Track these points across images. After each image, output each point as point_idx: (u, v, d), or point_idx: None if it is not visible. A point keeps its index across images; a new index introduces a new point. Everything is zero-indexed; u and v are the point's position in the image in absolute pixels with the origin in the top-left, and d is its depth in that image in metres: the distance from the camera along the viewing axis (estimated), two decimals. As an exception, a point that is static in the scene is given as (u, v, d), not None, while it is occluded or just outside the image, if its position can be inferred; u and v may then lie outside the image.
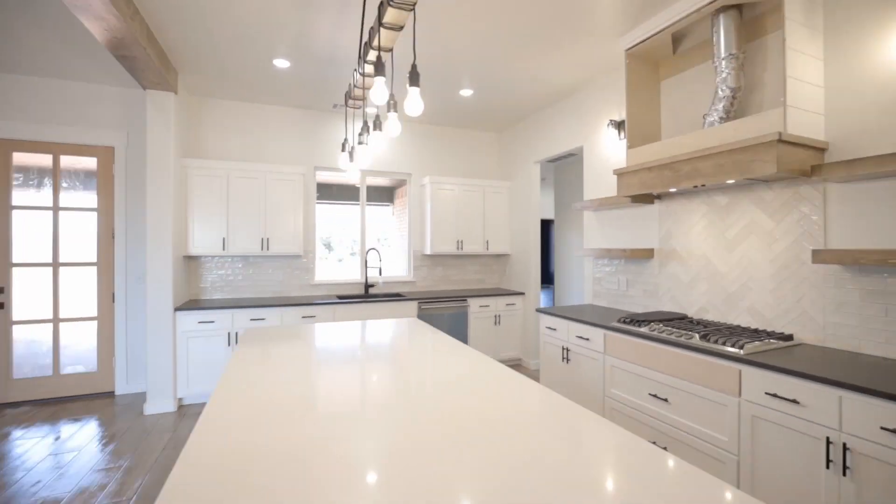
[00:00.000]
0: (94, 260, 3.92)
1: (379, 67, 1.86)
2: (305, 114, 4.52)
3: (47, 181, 3.83)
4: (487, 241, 4.98)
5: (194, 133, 4.17)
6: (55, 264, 3.85)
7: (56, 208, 3.84)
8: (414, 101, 1.81)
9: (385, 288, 4.83)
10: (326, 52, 3.26)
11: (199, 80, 3.76)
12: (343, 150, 3.11)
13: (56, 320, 3.85)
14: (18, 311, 3.76)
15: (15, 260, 3.73)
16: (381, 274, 4.60)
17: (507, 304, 4.73)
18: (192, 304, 3.76)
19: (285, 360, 1.92)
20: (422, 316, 4.34)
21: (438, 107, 4.43)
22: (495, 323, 4.68)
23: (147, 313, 3.53)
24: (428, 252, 4.73)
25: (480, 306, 4.61)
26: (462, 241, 4.85)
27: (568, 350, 3.13)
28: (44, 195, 3.82)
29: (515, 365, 4.74)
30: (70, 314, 3.89)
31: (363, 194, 4.82)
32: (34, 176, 3.80)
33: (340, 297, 4.44)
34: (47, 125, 3.74)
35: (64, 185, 3.87)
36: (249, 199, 4.04)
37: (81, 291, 3.92)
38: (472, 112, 4.61)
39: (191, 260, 4.13)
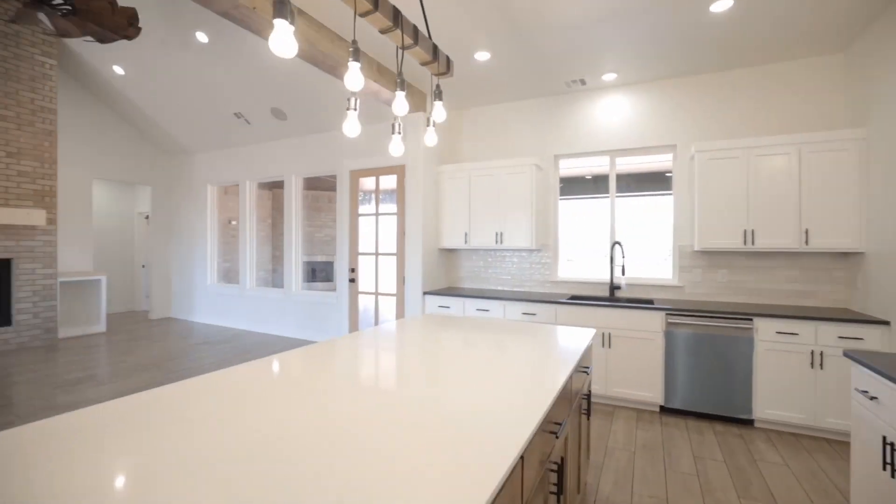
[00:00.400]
0: (395, 251, 5.22)
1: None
2: (538, 103, 4.31)
3: (371, 196, 5.42)
4: (806, 231, 3.11)
5: (453, 142, 4.80)
6: (376, 254, 5.39)
7: (377, 214, 5.37)
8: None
9: (638, 292, 3.90)
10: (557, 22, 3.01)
11: (452, 97, 4.32)
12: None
13: (377, 294, 5.39)
14: (361, 285, 5.52)
15: (360, 250, 5.50)
16: (623, 273, 3.76)
17: (844, 337, 2.79)
18: (445, 290, 4.33)
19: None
20: (673, 334, 3.24)
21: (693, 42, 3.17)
22: (812, 365, 2.87)
23: (407, 294, 4.37)
24: (697, 248, 3.46)
25: (779, 332, 2.95)
26: (753, 232, 3.25)
27: None
28: (369, 206, 5.44)
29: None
30: (383, 290, 5.34)
31: (612, 181, 4.08)
32: (366, 193, 5.47)
33: (574, 298, 3.96)
34: (372, 157, 5.29)
35: (382, 198, 5.36)
36: (486, 196, 4.25)
37: (389, 274, 5.31)
38: (764, 33, 3.01)
39: (450, 252, 4.78)
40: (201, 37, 4.69)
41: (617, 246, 4.00)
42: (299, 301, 5.98)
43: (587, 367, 2.06)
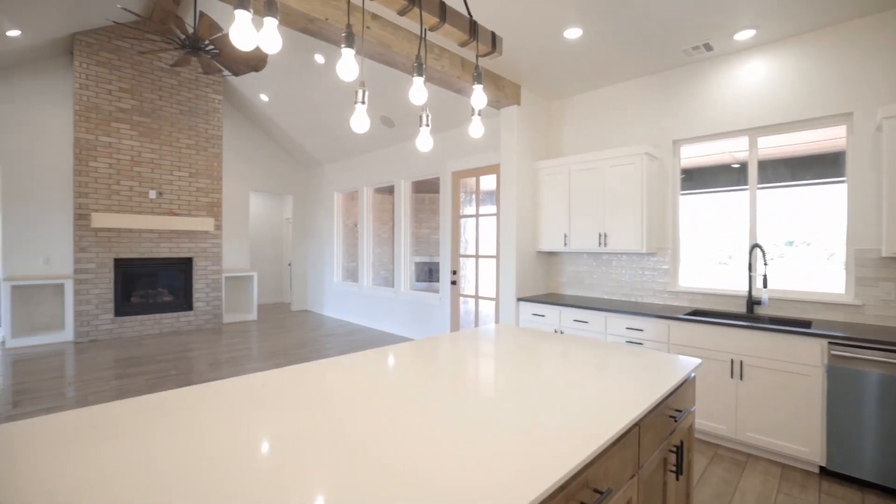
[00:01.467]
0: (494, 254, 5.01)
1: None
2: (648, 81, 3.61)
3: (472, 197, 5.29)
4: None
5: (552, 135, 4.39)
6: (476, 256, 5.26)
7: (477, 215, 5.23)
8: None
9: (789, 309, 3.00)
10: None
11: (545, 85, 3.96)
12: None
13: (476, 297, 5.26)
14: (463, 287, 5.45)
15: (461, 252, 5.44)
16: (765, 284, 2.92)
17: None
18: (543, 297, 3.99)
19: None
20: (842, 372, 2.38)
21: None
22: None
23: (500, 300, 4.13)
24: (887, 253, 2.49)
25: None
26: None
27: None
28: (471, 208, 5.32)
29: None
30: (483, 293, 5.18)
31: (753, 167, 3.21)
32: (467, 194, 5.37)
33: (696, 313, 3.24)
34: (472, 157, 5.17)
35: (482, 198, 5.21)
36: (587, 192, 3.76)
37: (490, 277, 5.13)
38: None
39: (550, 256, 4.38)
40: (319, 58, 5.17)
41: (757, 250, 3.14)
42: (407, 301, 6.19)
43: (680, 410, 1.60)
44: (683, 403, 1.65)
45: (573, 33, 3.04)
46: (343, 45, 1.54)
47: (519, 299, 3.97)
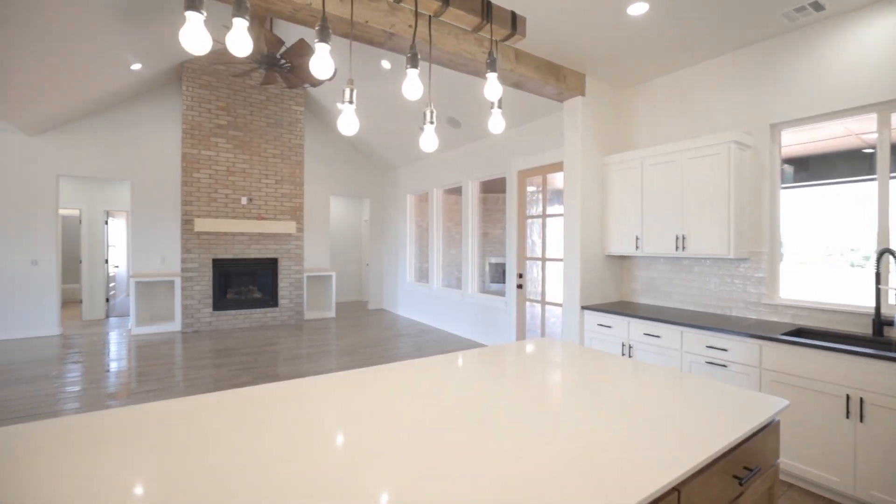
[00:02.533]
0: (562, 256, 4.67)
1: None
2: (737, 57, 3.03)
3: (539, 196, 5.00)
4: None
5: (622, 127, 3.95)
6: (543, 259, 4.96)
7: (543, 216, 4.93)
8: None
9: (940, 334, 2.31)
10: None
11: (612, 72, 3.57)
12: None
13: (543, 303, 4.95)
14: (529, 291, 5.19)
15: (527, 255, 5.17)
16: (899, 303, 2.28)
17: None
18: (612, 306, 3.61)
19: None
20: None
21: None
22: None
23: (563, 308, 3.83)
24: None
25: None
26: None
27: None
28: (537, 208, 5.03)
29: None
30: (550, 298, 4.87)
31: (884, 152, 2.54)
32: (532, 194, 5.09)
33: (800, 332, 2.67)
34: (537, 155, 4.89)
35: (549, 198, 4.89)
36: (662, 189, 3.31)
37: (557, 281, 4.80)
38: None
39: (621, 260, 3.95)
40: (385, 64, 5.27)
41: (889, 256, 2.48)
42: (473, 303, 6.07)
43: (751, 469, 1.26)
44: (759, 458, 1.30)
45: (638, 9, 2.67)
46: (407, 66, 1.54)
47: (583, 308, 3.64)
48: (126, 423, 1.18)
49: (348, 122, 1.61)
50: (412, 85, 1.55)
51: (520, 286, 5.24)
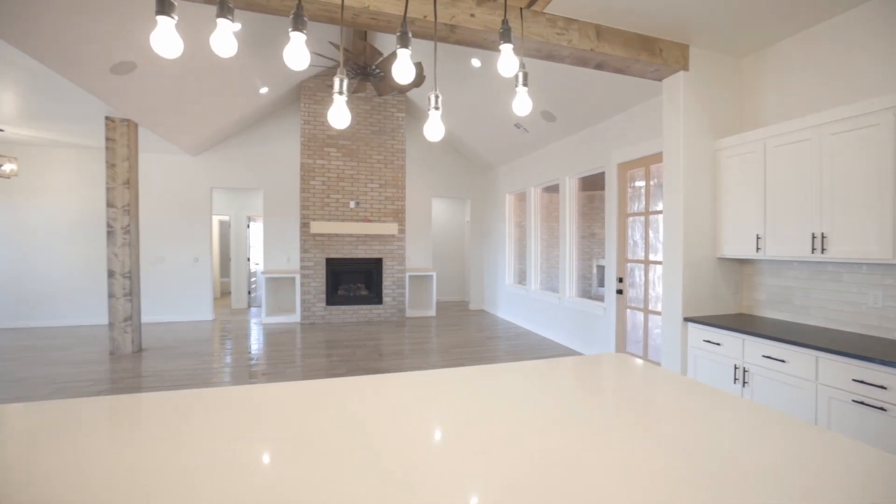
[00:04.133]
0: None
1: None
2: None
3: (642, 191, 4.41)
4: None
5: (739, 103, 3.24)
6: (645, 262, 4.37)
7: (647, 213, 4.34)
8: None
9: None
10: None
11: (725, 36, 2.95)
12: None
13: (645, 311, 4.37)
14: (630, 297, 4.63)
15: (628, 257, 4.62)
16: None
17: None
18: (723, 320, 3.00)
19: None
20: None
21: None
22: None
23: (662, 318, 3.31)
24: None
25: None
26: None
27: None
28: (640, 204, 4.45)
29: None
30: (653, 306, 4.27)
31: None
32: (635, 189, 4.51)
33: None
34: (639, 144, 4.32)
35: (653, 192, 4.29)
36: (793, 174, 2.62)
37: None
38: None
39: (742, 264, 3.26)
40: (475, 62, 5.20)
41: None
42: (570, 308, 5.66)
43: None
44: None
45: (747, -48, 2.14)
46: (501, 42, 1.57)
47: (686, 319, 3.09)
48: (255, 398, 1.31)
49: (434, 127, 1.68)
50: (505, 61, 1.59)
51: (619, 291, 4.71)
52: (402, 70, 1.53)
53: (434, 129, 1.70)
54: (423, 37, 2.66)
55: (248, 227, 8.98)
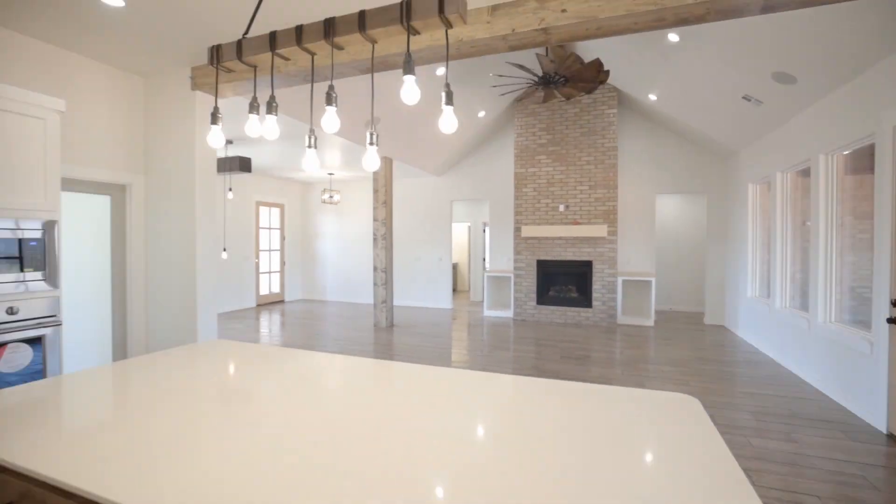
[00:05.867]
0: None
1: None
2: None
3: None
4: None
5: None
6: (929, 277, 2.82)
7: (931, 201, 2.80)
8: None
9: None
10: None
11: None
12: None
13: (930, 353, 2.82)
14: (905, 331, 3.08)
15: (903, 269, 3.09)
16: None
17: None
18: None
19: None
20: None
21: None
22: None
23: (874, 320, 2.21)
24: None
25: None
26: None
27: None
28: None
29: None
30: None
31: None
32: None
33: None
34: None
35: None
36: None
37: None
38: None
39: None
40: (672, 37, 4.57)
41: None
42: (823, 337, 4.15)
43: None
44: None
45: None
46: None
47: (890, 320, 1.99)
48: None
49: (448, 122, 1.87)
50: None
51: (893, 320, 3.18)
52: (409, 93, 1.58)
53: (447, 123, 1.64)
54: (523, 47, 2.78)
55: (485, 231, 10.35)
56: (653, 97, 6.37)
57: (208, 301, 3.79)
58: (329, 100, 1.65)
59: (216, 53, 1.78)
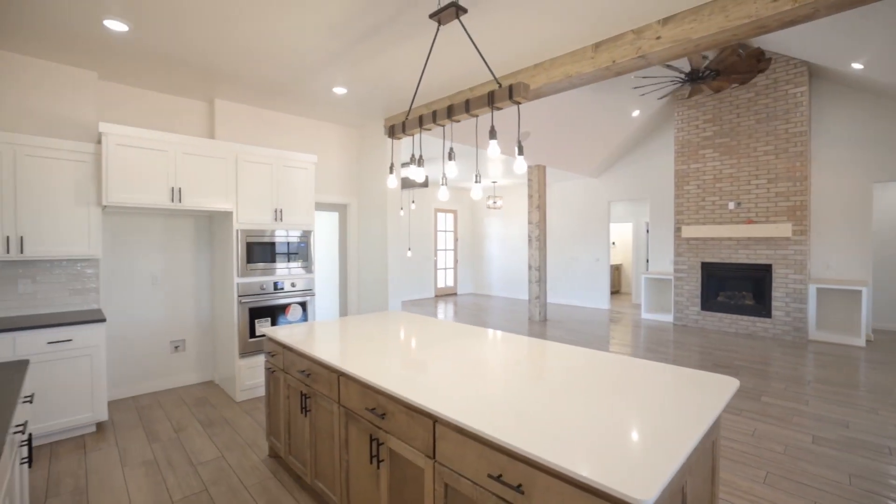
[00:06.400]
0: None
1: None
2: None
3: None
4: None
5: None
6: None
7: None
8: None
9: None
10: None
11: None
12: None
13: None
14: None
15: None
16: None
17: None
18: None
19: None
20: None
21: None
22: None
23: None
24: None
25: None
26: None
27: None
28: None
29: None
30: None
31: None
32: None
33: None
34: None
35: None
36: None
37: None
38: None
39: None
40: None
41: None
42: None
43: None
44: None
45: None
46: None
47: None
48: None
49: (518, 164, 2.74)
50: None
51: None
52: (493, 151, 2.35)
53: (492, 151, 2.37)
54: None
55: (647, 232, 9.95)
56: (857, 66, 5.39)
57: (395, 286, 5.19)
58: (492, 135, 2.47)
59: (391, 131, 2.87)
